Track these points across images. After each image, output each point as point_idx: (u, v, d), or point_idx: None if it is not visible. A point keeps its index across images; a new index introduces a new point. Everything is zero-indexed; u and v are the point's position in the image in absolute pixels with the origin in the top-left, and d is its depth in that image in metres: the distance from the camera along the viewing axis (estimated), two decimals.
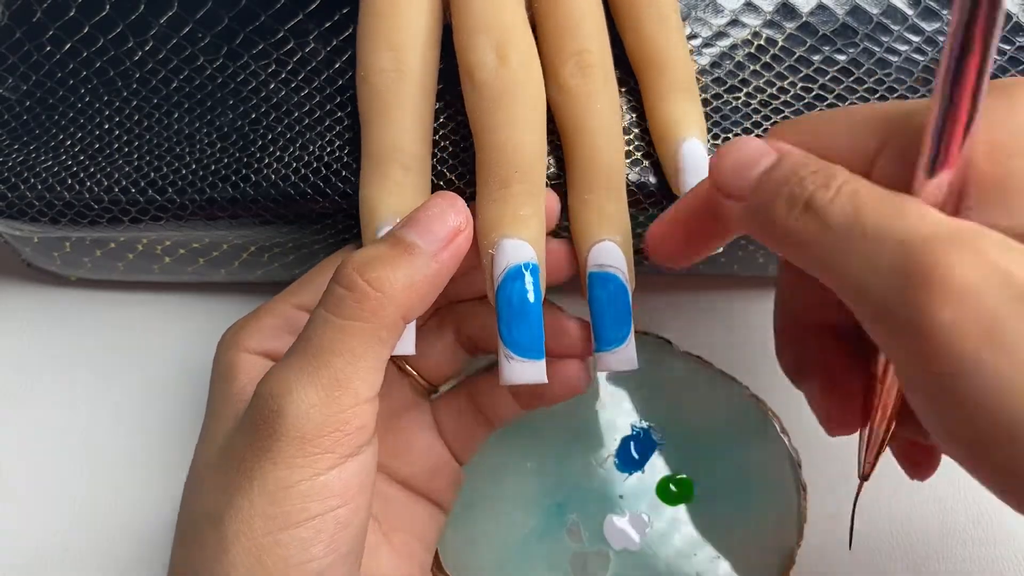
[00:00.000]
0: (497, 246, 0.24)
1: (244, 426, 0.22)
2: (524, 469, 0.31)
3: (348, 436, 0.21)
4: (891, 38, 0.31)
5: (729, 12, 0.31)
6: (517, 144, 0.25)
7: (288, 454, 0.21)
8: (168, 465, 0.33)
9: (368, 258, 0.22)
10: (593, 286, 0.26)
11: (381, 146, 0.26)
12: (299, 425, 0.21)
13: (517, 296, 0.24)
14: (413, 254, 0.22)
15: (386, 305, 0.22)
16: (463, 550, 0.30)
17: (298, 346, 0.22)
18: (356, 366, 0.21)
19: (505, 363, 0.24)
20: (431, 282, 0.23)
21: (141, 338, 0.36)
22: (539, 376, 0.24)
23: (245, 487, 0.21)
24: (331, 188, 0.29)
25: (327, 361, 0.21)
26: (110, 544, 0.32)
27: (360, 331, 0.21)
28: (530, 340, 0.24)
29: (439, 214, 0.23)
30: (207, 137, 0.29)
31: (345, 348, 0.21)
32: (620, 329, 0.25)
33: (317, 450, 0.21)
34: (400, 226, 0.23)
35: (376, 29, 0.27)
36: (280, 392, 0.21)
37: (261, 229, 0.30)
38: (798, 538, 0.30)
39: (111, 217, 0.29)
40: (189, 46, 0.31)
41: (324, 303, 0.22)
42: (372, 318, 0.22)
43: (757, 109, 0.30)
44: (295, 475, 0.21)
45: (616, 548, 0.30)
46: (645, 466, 0.31)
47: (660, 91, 0.28)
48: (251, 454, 0.21)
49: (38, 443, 0.34)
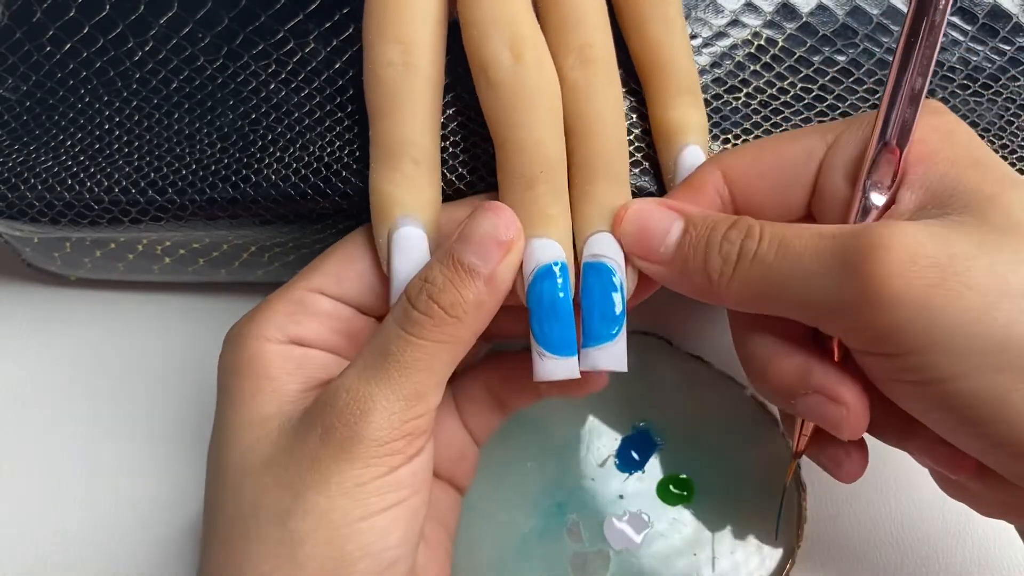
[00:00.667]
0: (527, 246, 0.25)
1: (309, 426, 0.23)
2: (524, 469, 0.31)
3: (416, 439, 0.23)
4: (891, 38, 0.31)
5: (729, 12, 0.31)
6: (539, 144, 0.25)
7: (367, 455, 0.22)
8: (169, 465, 0.33)
9: (439, 284, 0.23)
10: (587, 277, 0.25)
11: (391, 139, 0.26)
12: (380, 430, 0.22)
13: (548, 295, 0.24)
14: (476, 275, 0.23)
15: (461, 328, 0.23)
16: (463, 550, 0.30)
17: (375, 357, 0.23)
18: (432, 380, 0.23)
19: (538, 360, 0.24)
20: (494, 298, 0.24)
21: (141, 338, 0.36)
22: (572, 372, 0.25)
23: (321, 484, 0.22)
24: (331, 188, 0.29)
25: (409, 375, 0.23)
26: (111, 544, 0.32)
27: (439, 350, 0.23)
28: (562, 337, 0.24)
29: (491, 232, 0.24)
30: (207, 137, 0.29)
31: (425, 365, 0.23)
32: (610, 324, 0.25)
33: (390, 452, 0.23)
34: (457, 244, 0.24)
35: (384, 22, 0.27)
36: (364, 399, 0.23)
37: (261, 229, 0.30)
38: (798, 538, 0.30)
39: (111, 217, 0.29)
40: (189, 46, 0.31)
41: (401, 323, 0.23)
42: (450, 339, 0.23)
43: (757, 109, 0.30)
44: (371, 472, 0.23)
45: (616, 548, 0.30)
46: (645, 466, 0.31)
47: (663, 95, 0.28)
48: (326, 453, 0.22)
49: (38, 443, 0.34)
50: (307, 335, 0.25)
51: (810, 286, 0.22)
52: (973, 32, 0.31)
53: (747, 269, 0.23)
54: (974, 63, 0.31)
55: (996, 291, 0.20)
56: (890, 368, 0.22)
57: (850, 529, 0.32)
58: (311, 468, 0.22)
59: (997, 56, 0.31)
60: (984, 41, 0.31)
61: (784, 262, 0.22)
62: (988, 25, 0.31)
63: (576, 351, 0.25)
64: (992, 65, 0.31)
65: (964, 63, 0.31)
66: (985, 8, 0.32)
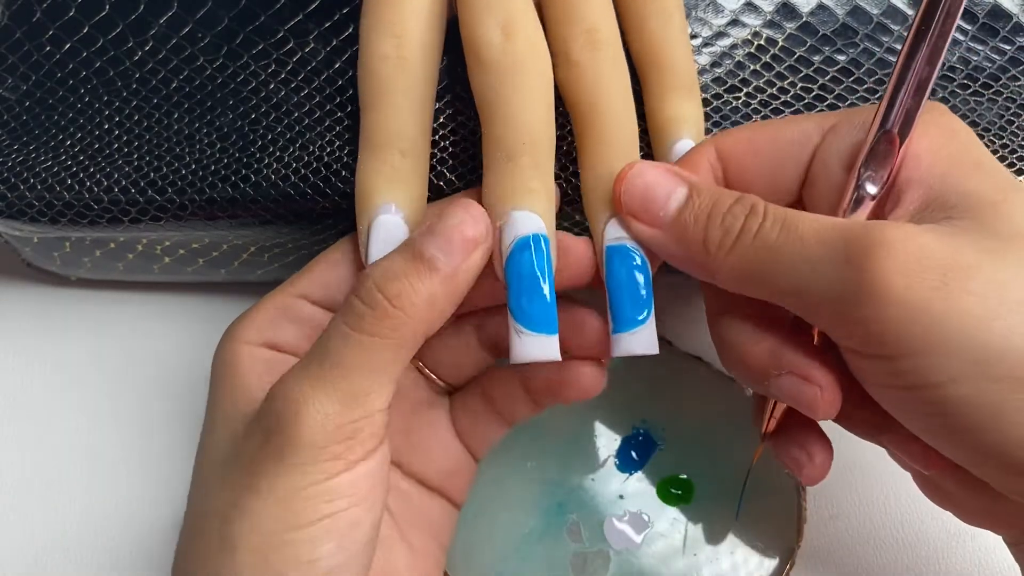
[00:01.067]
0: (506, 218, 0.24)
1: (255, 429, 0.22)
2: (525, 469, 0.31)
3: (359, 443, 0.22)
4: (891, 38, 0.31)
5: (729, 12, 0.31)
6: (526, 117, 0.25)
7: (301, 459, 0.21)
8: (169, 465, 0.33)
9: (389, 273, 0.22)
10: (611, 261, 0.24)
11: (380, 132, 0.26)
12: (314, 433, 0.21)
13: (527, 267, 0.23)
14: (433, 269, 0.22)
15: (407, 323, 0.22)
16: (464, 550, 0.30)
17: (316, 355, 0.22)
18: (373, 380, 0.22)
19: (516, 339, 0.23)
20: (450, 298, 0.23)
21: (141, 338, 0.36)
22: (551, 352, 0.23)
23: (255, 488, 0.21)
24: (331, 188, 0.28)
25: (345, 374, 0.22)
26: (111, 544, 0.32)
27: (380, 347, 0.22)
28: (541, 312, 0.23)
29: (458, 225, 0.23)
30: (207, 137, 0.29)
31: (364, 363, 0.22)
32: (640, 308, 0.24)
33: (328, 457, 0.21)
34: (419, 236, 0.23)
35: (379, 15, 0.27)
36: (297, 399, 0.21)
37: (261, 229, 0.30)
38: (798, 538, 0.30)
39: (111, 217, 0.29)
40: (189, 46, 0.31)
41: (344, 316, 0.22)
42: (392, 335, 0.22)
43: (757, 109, 0.30)
44: (307, 479, 0.21)
45: (616, 548, 0.30)
46: (645, 466, 0.31)
47: (660, 90, 0.28)
48: (262, 456, 0.22)
49: (38, 443, 0.34)
50: (283, 340, 0.25)
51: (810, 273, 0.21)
52: (973, 32, 0.31)
53: (747, 245, 0.22)
54: (974, 63, 0.31)
55: (997, 299, 0.20)
56: (881, 370, 0.21)
57: (850, 529, 0.32)
58: (248, 470, 0.22)
59: (997, 56, 0.31)
60: (984, 41, 0.31)
61: (787, 244, 0.22)
62: (988, 25, 0.31)
63: (555, 329, 0.24)
64: (992, 65, 0.31)
65: (964, 63, 0.31)
66: (985, 8, 0.32)
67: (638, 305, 0.24)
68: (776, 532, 0.30)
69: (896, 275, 0.20)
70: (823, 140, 0.24)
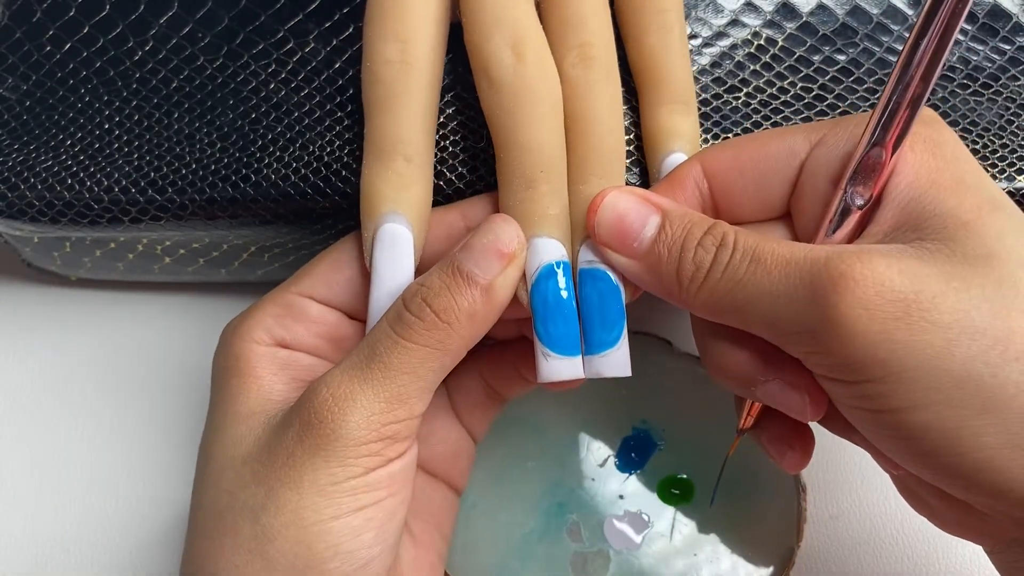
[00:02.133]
0: (529, 246, 0.25)
1: (290, 422, 0.23)
2: (524, 469, 0.31)
3: (397, 443, 0.23)
4: (891, 38, 0.31)
5: (729, 12, 0.31)
6: (541, 144, 0.25)
7: (343, 454, 0.22)
8: (169, 465, 0.33)
9: (436, 288, 0.23)
10: (583, 284, 0.25)
11: (384, 137, 0.26)
12: (358, 430, 0.22)
13: (552, 295, 0.24)
14: (472, 283, 0.23)
15: (452, 336, 0.23)
16: (464, 550, 0.30)
17: (362, 358, 0.23)
18: (416, 386, 0.23)
19: (543, 361, 0.24)
20: (490, 310, 0.24)
21: (141, 338, 0.36)
22: (576, 372, 0.24)
23: (294, 480, 0.22)
24: (331, 188, 0.29)
25: (393, 377, 0.23)
26: (111, 544, 0.32)
27: (427, 356, 0.23)
28: (566, 337, 0.24)
29: (493, 241, 0.24)
30: (207, 137, 0.29)
31: (411, 369, 0.23)
32: (610, 331, 0.25)
33: (368, 453, 0.22)
34: (456, 252, 0.24)
35: (384, 20, 0.27)
36: (344, 397, 0.22)
37: (261, 229, 0.30)
38: (798, 538, 0.30)
39: (111, 217, 0.29)
40: (189, 46, 0.31)
41: (393, 324, 0.23)
42: (439, 345, 0.23)
43: (757, 109, 0.30)
44: (346, 471, 0.22)
45: (616, 548, 0.30)
46: (645, 466, 0.31)
47: (656, 103, 0.28)
48: (302, 450, 0.22)
49: (38, 444, 0.34)
50: (293, 339, 0.26)
51: (776, 307, 0.22)
52: (973, 31, 0.31)
53: (717, 279, 0.23)
54: (974, 62, 0.31)
55: (958, 328, 0.20)
56: (849, 394, 0.22)
57: (850, 529, 0.32)
58: (286, 464, 0.22)
59: (997, 55, 0.31)
60: (984, 40, 0.31)
61: (753, 279, 0.22)
62: (988, 25, 0.31)
63: (580, 350, 0.25)
64: (992, 64, 0.31)
65: (964, 62, 0.31)
66: (985, 8, 0.32)
67: (609, 328, 0.25)
68: (776, 532, 0.30)
69: (858, 309, 0.20)
70: (810, 153, 0.24)
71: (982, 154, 0.29)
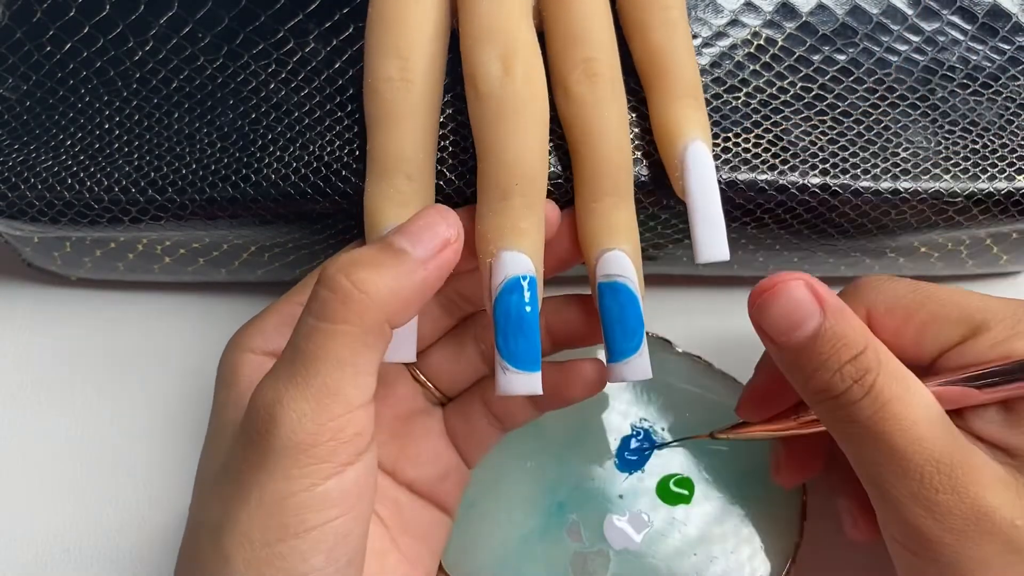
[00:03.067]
0: (495, 258, 0.24)
1: (240, 437, 0.22)
2: (524, 469, 0.31)
3: (344, 444, 0.21)
4: (891, 38, 0.31)
5: (729, 12, 0.31)
6: (519, 157, 0.25)
7: (283, 466, 0.20)
8: (168, 466, 0.33)
9: (353, 260, 0.22)
10: (603, 297, 0.26)
11: (386, 155, 0.26)
12: (292, 436, 0.20)
13: (515, 308, 0.24)
14: (400, 259, 0.22)
15: (370, 307, 0.21)
16: (463, 550, 0.30)
17: (286, 354, 0.22)
18: (344, 371, 0.21)
19: (501, 374, 0.24)
20: (416, 290, 0.22)
21: (141, 338, 0.36)
22: (534, 388, 0.24)
23: (243, 499, 0.21)
24: (331, 188, 0.29)
25: (315, 368, 0.21)
26: (111, 544, 0.32)
27: (346, 335, 0.21)
28: (526, 352, 0.24)
29: (430, 224, 0.23)
30: (207, 137, 0.29)
31: (332, 353, 0.21)
32: (632, 339, 0.25)
33: (313, 460, 0.21)
34: (391, 233, 0.23)
35: (384, 37, 0.27)
36: (271, 402, 0.21)
37: (261, 229, 0.30)
38: (798, 537, 0.30)
39: (111, 217, 0.29)
40: (189, 46, 0.31)
41: (308, 308, 0.21)
42: (357, 320, 0.21)
43: (757, 109, 0.30)
44: (292, 486, 0.20)
45: (616, 548, 0.30)
46: (645, 466, 0.31)
47: (666, 97, 0.28)
48: (247, 466, 0.21)
49: (38, 444, 0.34)
50: None
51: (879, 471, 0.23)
52: (973, 31, 0.31)
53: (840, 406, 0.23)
54: (974, 62, 0.31)
55: None
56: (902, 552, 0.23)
57: None
58: (236, 481, 0.21)
59: (997, 55, 0.31)
60: (984, 40, 0.31)
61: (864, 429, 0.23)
62: (988, 24, 0.31)
63: (539, 367, 0.24)
64: (992, 64, 0.31)
65: (964, 62, 0.31)
66: (985, 7, 0.32)
67: (630, 336, 0.25)
68: (777, 531, 0.30)
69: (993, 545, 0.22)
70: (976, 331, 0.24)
71: (982, 154, 0.29)
